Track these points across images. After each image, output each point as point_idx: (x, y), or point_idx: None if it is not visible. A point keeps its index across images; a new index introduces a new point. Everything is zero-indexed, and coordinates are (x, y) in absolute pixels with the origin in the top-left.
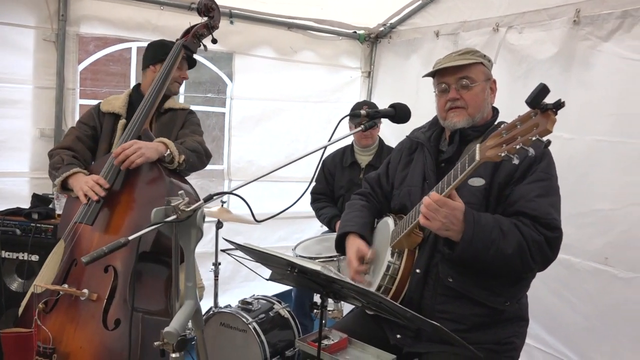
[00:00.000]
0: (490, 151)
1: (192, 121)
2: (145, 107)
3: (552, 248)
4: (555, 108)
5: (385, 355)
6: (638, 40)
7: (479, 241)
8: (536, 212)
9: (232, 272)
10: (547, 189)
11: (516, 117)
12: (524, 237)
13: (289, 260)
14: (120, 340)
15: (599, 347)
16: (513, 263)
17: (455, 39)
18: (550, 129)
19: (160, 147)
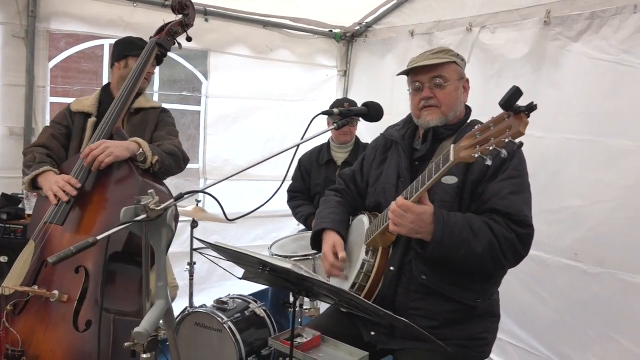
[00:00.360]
0: (464, 152)
1: (166, 121)
2: (117, 106)
3: (524, 245)
4: (528, 111)
5: (358, 352)
6: (606, 41)
7: (449, 241)
8: (509, 209)
9: (208, 271)
10: (519, 186)
11: (490, 119)
12: (495, 235)
13: (261, 258)
14: (91, 342)
15: (569, 341)
16: (484, 261)
17: (430, 38)
18: (523, 132)
19: (132, 146)
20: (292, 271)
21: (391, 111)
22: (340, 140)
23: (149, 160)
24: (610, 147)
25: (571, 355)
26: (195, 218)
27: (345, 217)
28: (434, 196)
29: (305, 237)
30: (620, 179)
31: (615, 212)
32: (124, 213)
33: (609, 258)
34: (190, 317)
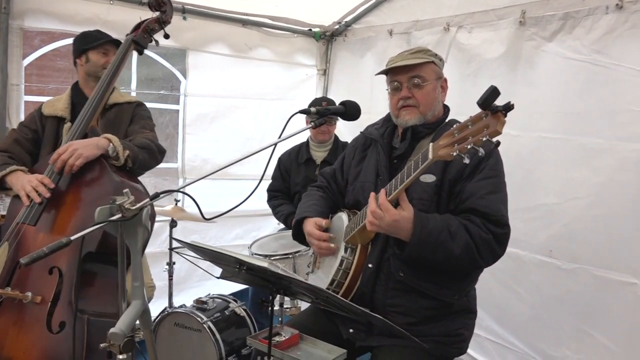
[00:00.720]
0: (442, 150)
1: (141, 115)
2: (92, 105)
3: (500, 244)
4: (505, 110)
5: (336, 349)
6: (579, 40)
7: (427, 244)
8: (487, 209)
9: (188, 271)
10: (496, 185)
11: (468, 118)
12: (472, 237)
13: (237, 257)
14: (65, 344)
15: (544, 336)
16: (461, 262)
17: (408, 37)
18: (500, 130)
19: (102, 142)
20: (269, 269)
21: (371, 110)
22: (318, 139)
23: (121, 155)
24: (583, 145)
25: (546, 350)
26: (174, 217)
27: (326, 210)
28: (412, 194)
29: (285, 235)
30: (593, 176)
31: (588, 209)
32: (98, 212)
33: (583, 254)
34: (170, 317)
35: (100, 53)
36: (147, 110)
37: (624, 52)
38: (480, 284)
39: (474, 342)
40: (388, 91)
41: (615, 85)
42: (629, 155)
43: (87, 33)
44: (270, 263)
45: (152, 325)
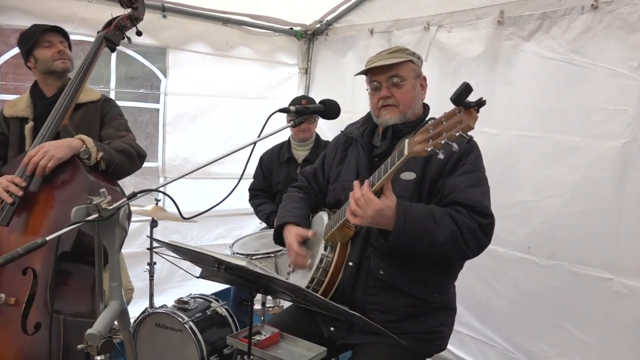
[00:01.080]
0: (417, 146)
1: (111, 114)
2: (63, 103)
3: (485, 234)
4: (477, 106)
5: (316, 347)
6: (555, 40)
7: (411, 230)
8: (469, 200)
9: (169, 271)
10: (477, 179)
11: (442, 114)
12: (457, 225)
13: (215, 257)
14: (40, 345)
15: (523, 331)
16: (447, 250)
17: (389, 36)
18: (472, 126)
19: (75, 143)
20: (247, 268)
21: (352, 109)
22: (298, 137)
23: (94, 156)
24: (559, 143)
25: (525, 345)
26: (154, 217)
27: (307, 212)
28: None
29: (267, 235)
30: (569, 173)
31: (565, 206)
32: (74, 212)
33: (560, 250)
34: (150, 317)
35: (43, 47)
36: (117, 106)
37: (599, 51)
38: (461, 281)
39: (454, 339)
40: (368, 91)
41: (590, 84)
42: (604, 153)
43: (24, 33)
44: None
45: (130, 326)
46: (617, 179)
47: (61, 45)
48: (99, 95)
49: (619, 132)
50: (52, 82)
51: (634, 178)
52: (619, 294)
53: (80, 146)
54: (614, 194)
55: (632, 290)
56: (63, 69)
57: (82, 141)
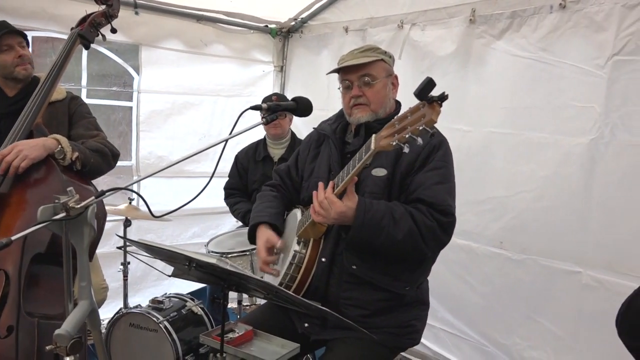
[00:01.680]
0: (384, 140)
1: (79, 113)
2: (36, 101)
3: (445, 232)
4: (440, 100)
5: (289, 344)
6: (525, 39)
7: (369, 228)
8: (433, 199)
9: (144, 271)
10: (443, 176)
11: (407, 109)
12: (416, 223)
13: (186, 255)
14: (13, 348)
15: (496, 325)
16: (405, 248)
17: (364, 34)
18: (435, 119)
19: (49, 143)
20: (217, 266)
21: (327, 107)
22: (270, 133)
23: (68, 156)
24: (530, 140)
25: (498, 338)
26: (127, 216)
27: (281, 211)
28: (364, 188)
29: (243, 233)
30: (539, 169)
31: (535, 201)
32: (41, 212)
33: (531, 245)
34: (125, 318)
35: (2, 52)
36: (84, 104)
37: (567, 49)
38: (435, 276)
39: (429, 333)
40: (340, 90)
41: (559, 82)
42: (573, 149)
43: None
44: (219, 259)
45: (100, 326)
46: (584, 175)
47: (20, 47)
48: (64, 94)
49: (587, 129)
50: (13, 85)
51: (600, 173)
52: (587, 286)
53: (55, 146)
54: (582, 189)
55: (600, 283)
56: (25, 75)
57: (57, 141)
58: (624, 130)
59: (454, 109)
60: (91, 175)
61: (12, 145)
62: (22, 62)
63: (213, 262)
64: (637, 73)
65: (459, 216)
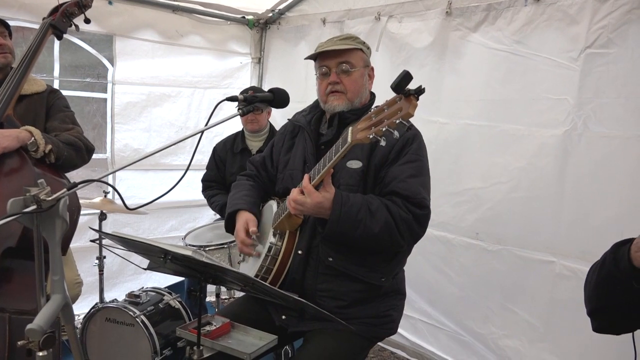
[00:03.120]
0: (360, 133)
1: (57, 106)
2: (7, 92)
3: (420, 225)
4: (417, 94)
5: (267, 336)
6: (501, 31)
7: (346, 221)
8: (407, 192)
9: (120, 265)
10: (417, 169)
11: (384, 102)
12: (392, 216)
13: (161, 247)
14: None
15: (472, 314)
16: (382, 240)
17: (341, 26)
18: (412, 113)
19: (23, 135)
20: (193, 258)
21: (305, 99)
22: (248, 128)
23: (41, 149)
24: (504, 132)
25: (474, 328)
26: (103, 210)
27: (258, 200)
28: (340, 180)
29: (220, 226)
30: (514, 161)
31: (510, 192)
32: (11, 204)
33: (506, 236)
34: (100, 312)
35: None
36: (63, 98)
37: (541, 42)
38: (412, 267)
39: (407, 324)
40: (317, 76)
41: (533, 74)
42: (547, 141)
43: None
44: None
45: (74, 320)
46: (558, 166)
47: (1, 37)
48: (44, 86)
49: (560, 121)
50: None
51: (573, 165)
52: (561, 275)
53: (28, 138)
54: (555, 181)
55: (574, 272)
56: (4, 64)
57: (30, 133)
58: (596, 122)
59: (431, 101)
60: (64, 168)
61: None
62: (2, 51)
63: (188, 255)
64: (609, 66)
65: (436, 208)
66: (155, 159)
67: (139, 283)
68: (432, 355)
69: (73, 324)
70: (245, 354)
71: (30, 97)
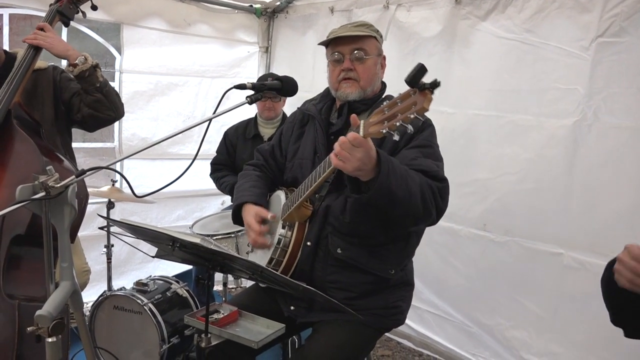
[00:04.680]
0: (373, 127)
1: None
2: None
3: (442, 197)
4: (432, 87)
5: (275, 324)
6: (511, 20)
7: (393, 176)
8: (422, 167)
9: (129, 253)
10: (427, 154)
11: (397, 95)
12: (420, 178)
13: (170, 234)
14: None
15: (480, 306)
16: (417, 204)
17: (349, 15)
18: (427, 107)
19: (74, 52)
20: (201, 245)
21: (312, 88)
22: (264, 115)
23: (90, 61)
24: (513, 122)
25: (481, 319)
26: (110, 198)
27: (265, 191)
28: None
29: (227, 215)
30: (522, 152)
31: (518, 183)
32: (19, 191)
33: (514, 227)
34: (109, 300)
35: None
36: (66, 72)
37: (552, 31)
38: (419, 259)
39: (414, 315)
40: (328, 63)
41: (543, 64)
42: (556, 131)
43: None
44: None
45: (83, 308)
46: (567, 157)
47: None
48: (46, 64)
49: (570, 111)
50: None
51: (583, 156)
52: (569, 267)
53: (77, 56)
54: (564, 172)
55: (582, 264)
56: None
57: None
58: (607, 112)
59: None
60: (101, 111)
61: (47, 29)
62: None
63: (197, 242)
64: (620, 55)
65: None
66: (163, 148)
67: (146, 271)
68: (439, 345)
69: (82, 311)
70: (253, 342)
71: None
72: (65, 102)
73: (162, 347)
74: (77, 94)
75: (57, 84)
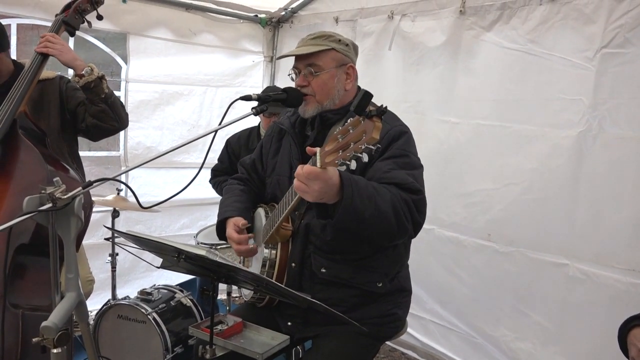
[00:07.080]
0: (328, 157)
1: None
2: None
3: (419, 210)
4: (379, 115)
5: (279, 336)
6: (515, 30)
7: (358, 198)
8: (395, 180)
9: (132, 262)
10: (402, 164)
11: (348, 121)
12: (392, 194)
13: (175, 246)
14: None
15: (484, 316)
16: (389, 222)
17: (354, 25)
18: (376, 137)
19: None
20: (207, 257)
21: None
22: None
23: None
24: (517, 132)
25: (486, 330)
26: (115, 207)
27: (249, 205)
28: None
29: None
30: (526, 162)
31: (523, 193)
32: (27, 202)
33: (519, 237)
34: (113, 309)
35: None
36: (73, 82)
37: (556, 42)
38: (424, 268)
39: (418, 325)
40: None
41: (547, 74)
42: (560, 142)
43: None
44: (209, 251)
45: (88, 318)
46: (572, 168)
47: None
48: (54, 74)
49: (575, 122)
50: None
51: (588, 166)
52: (574, 278)
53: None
54: (569, 182)
55: (587, 275)
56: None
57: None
58: (612, 123)
59: (443, 101)
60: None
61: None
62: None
63: (202, 254)
64: (625, 66)
65: (447, 208)
66: (168, 157)
67: (151, 280)
68: (443, 356)
69: (87, 322)
70: (257, 353)
71: (43, 82)
72: (71, 111)
73: (165, 357)
74: (82, 104)
75: (64, 93)
